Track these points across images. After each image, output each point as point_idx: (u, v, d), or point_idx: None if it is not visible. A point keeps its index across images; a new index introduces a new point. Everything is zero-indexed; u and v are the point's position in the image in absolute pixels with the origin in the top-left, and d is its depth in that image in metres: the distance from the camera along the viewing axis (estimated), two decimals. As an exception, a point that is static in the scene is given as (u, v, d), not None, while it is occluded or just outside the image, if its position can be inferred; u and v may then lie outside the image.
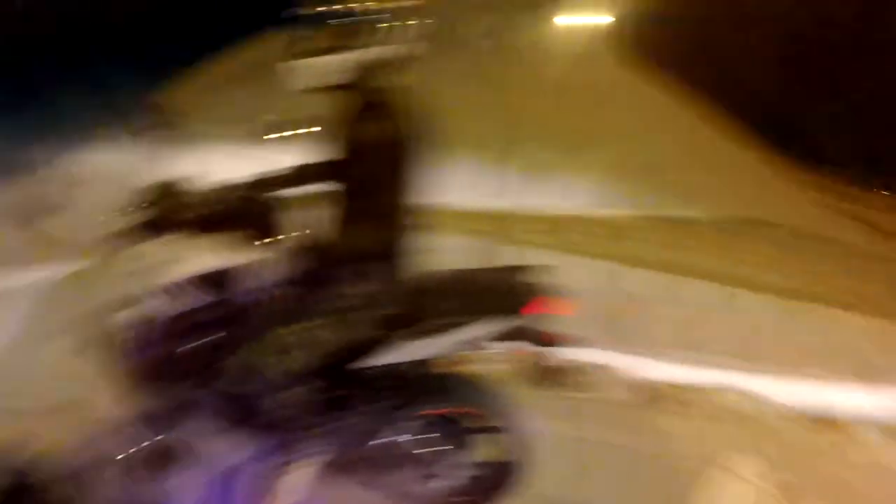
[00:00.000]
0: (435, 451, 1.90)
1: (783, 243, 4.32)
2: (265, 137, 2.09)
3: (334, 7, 1.56)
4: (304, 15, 1.60)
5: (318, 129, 2.08)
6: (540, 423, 1.94)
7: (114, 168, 8.38)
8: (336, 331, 1.65)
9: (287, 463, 1.88)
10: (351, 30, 1.56)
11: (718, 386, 2.86)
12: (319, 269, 1.76)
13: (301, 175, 2.07)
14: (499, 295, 1.69)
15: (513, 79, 6.01)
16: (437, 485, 1.97)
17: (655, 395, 2.78)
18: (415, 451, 1.91)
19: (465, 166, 4.05)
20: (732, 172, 5.28)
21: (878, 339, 3.42)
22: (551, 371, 1.77)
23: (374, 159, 1.51)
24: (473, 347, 1.74)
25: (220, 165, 2.32)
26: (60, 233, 6.24)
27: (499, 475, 1.96)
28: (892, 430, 2.92)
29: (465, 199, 4.11)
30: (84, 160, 9.39)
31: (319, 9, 1.57)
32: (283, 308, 1.68)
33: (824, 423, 2.87)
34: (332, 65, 1.59)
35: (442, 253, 1.92)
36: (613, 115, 5.73)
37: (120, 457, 2.23)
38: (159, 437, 1.02)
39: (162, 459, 1.01)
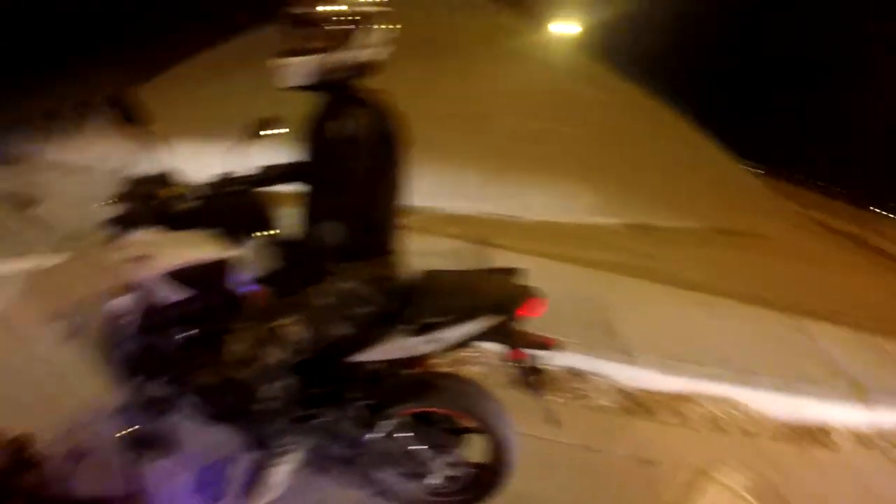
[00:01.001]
0: (416, 450, 1.90)
1: (767, 254, 4.38)
2: (255, 135, 2.10)
3: (312, 9, 1.57)
4: (285, 15, 1.62)
5: (287, 129, 2.13)
6: (520, 426, 1.94)
7: (97, 160, 8.32)
8: (311, 328, 1.66)
9: (269, 457, 1.88)
10: (328, 32, 1.57)
11: (699, 395, 2.87)
12: (294, 267, 1.77)
13: (275, 173, 2.09)
14: (492, 296, 1.69)
15: (487, 84, 5.97)
16: (418, 484, 1.97)
17: (635, 403, 2.78)
18: (396, 450, 1.91)
19: (442, 171, 4.05)
20: (717, 183, 5.35)
21: (865, 353, 3.47)
22: (535, 374, 1.78)
23: (347, 157, 1.53)
24: (461, 347, 1.76)
25: (198, 162, 2.32)
26: (48, 220, 6.21)
27: (480, 477, 1.96)
28: (874, 443, 2.96)
29: (442, 202, 4.12)
30: (69, 152, 9.30)
31: (298, 10, 1.59)
32: (258, 304, 1.69)
33: (807, 434, 2.89)
34: (311, 65, 1.61)
35: (420, 254, 1.94)
36: (595, 122, 5.75)
37: (104, 442, 2.25)
38: (142, 426, 1.02)
39: (146, 447, 1.01)
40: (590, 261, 3.60)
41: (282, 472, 1.91)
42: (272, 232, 1.93)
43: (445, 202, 4.19)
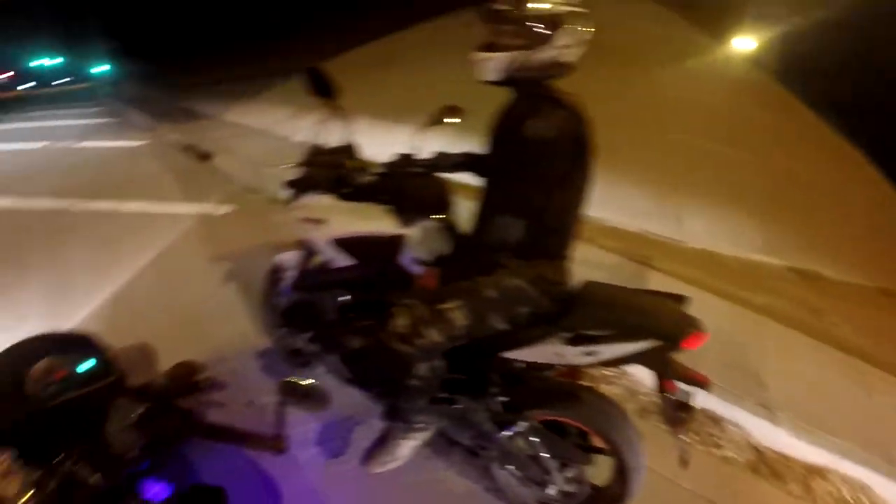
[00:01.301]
0: (542, 457, 1.87)
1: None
2: (437, 121, 2.17)
3: (512, 6, 1.59)
4: (485, 10, 1.64)
5: (464, 119, 2.18)
6: (647, 458, 1.86)
7: (273, 126, 9.15)
8: (472, 316, 1.68)
9: (400, 430, 1.96)
10: (526, 30, 1.58)
11: (833, 472, 2.59)
12: (465, 255, 1.81)
13: (455, 161, 2.15)
14: (660, 320, 1.62)
15: (665, 98, 5.70)
16: (533, 490, 1.96)
17: (765, 463, 2.58)
18: (522, 452, 1.90)
19: (612, 181, 3.92)
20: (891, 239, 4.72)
21: None
22: (682, 410, 1.68)
23: (539, 158, 1.52)
24: (613, 365, 1.71)
25: (379, 139, 2.44)
26: (223, 173, 6.97)
27: (596, 499, 1.91)
28: None
29: (607, 213, 4.01)
30: (249, 115, 10.30)
31: (498, 6, 1.61)
32: (426, 284, 1.74)
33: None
34: (506, 61, 1.62)
35: (578, 263, 1.90)
36: (770, 150, 5.31)
37: (250, 381, 2.44)
38: (297, 376, 1.10)
39: (298, 395, 1.09)
40: (747, 301, 3.34)
41: (408, 446, 1.98)
42: (446, 217, 2.00)
43: (610, 213, 4.08)
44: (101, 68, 36.35)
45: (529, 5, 1.56)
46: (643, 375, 2.70)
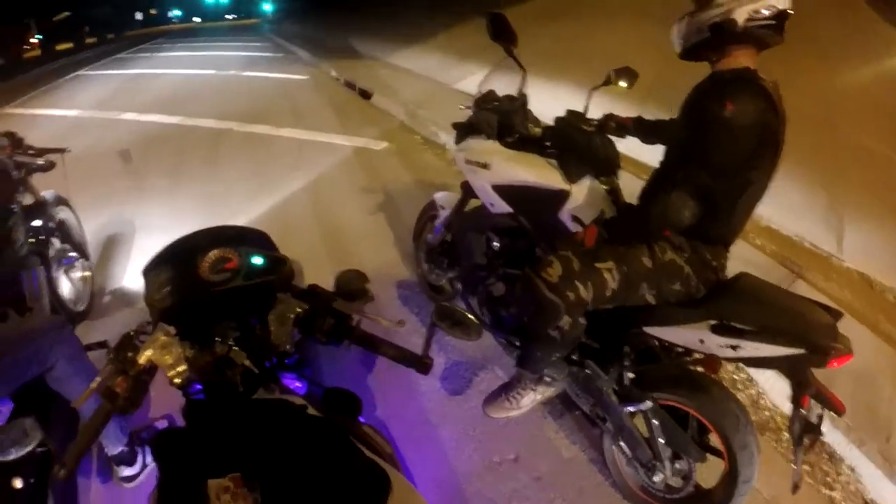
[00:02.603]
0: (658, 442, 1.80)
1: None
2: (609, 82, 2.12)
3: None
4: None
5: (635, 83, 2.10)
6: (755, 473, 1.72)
7: (430, 70, 9.26)
8: (624, 283, 1.64)
9: (529, 380, 2.00)
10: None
11: None
12: (628, 221, 1.77)
13: (627, 125, 2.08)
14: (813, 329, 1.51)
15: (843, 92, 5.04)
16: (638, 472, 1.90)
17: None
18: (639, 432, 1.85)
19: (782, 182, 3.60)
20: None
21: None
22: (810, 431, 1.57)
23: (724, 142, 1.44)
24: (754, 364, 1.62)
25: (548, 94, 2.40)
26: (383, 110, 7.26)
27: (697, 499, 1.82)
28: None
29: (765, 210, 3.71)
30: (409, 60, 10.53)
31: None
32: (584, 241, 1.72)
33: None
34: (681, 27, 1.58)
35: (732, 258, 1.78)
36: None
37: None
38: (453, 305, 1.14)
39: (451, 322, 1.14)
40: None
41: (530, 398, 2.01)
42: (612, 179, 1.97)
43: (769, 211, 3.77)
44: (267, 6, 39.19)
45: None
46: (772, 388, 2.53)
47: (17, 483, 1.41)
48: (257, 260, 1.07)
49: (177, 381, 0.94)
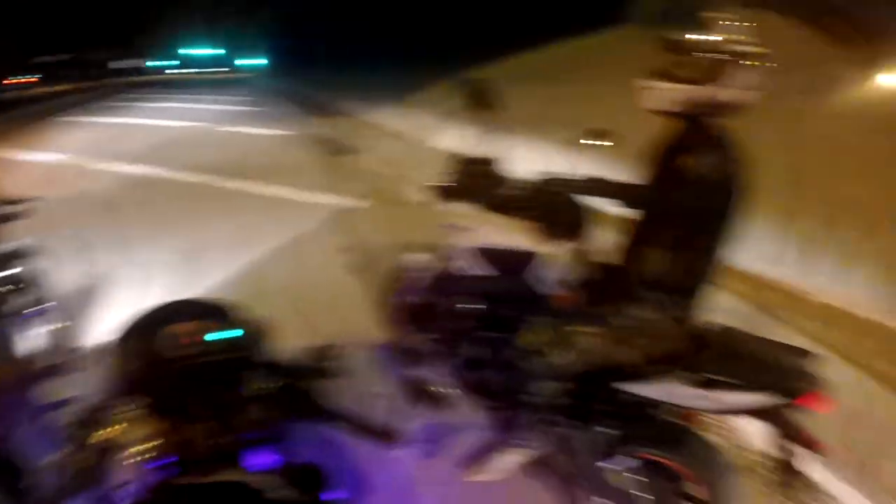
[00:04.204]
0: (639, 496, 1.79)
1: None
2: (581, 142, 2.16)
3: (689, 36, 1.56)
4: (662, 38, 1.61)
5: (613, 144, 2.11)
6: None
7: (411, 129, 9.41)
8: (603, 344, 1.67)
9: (504, 443, 1.97)
10: (703, 63, 1.55)
11: None
12: (604, 282, 1.80)
13: (604, 187, 2.14)
14: (783, 373, 1.55)
15: (812, 139, 5.21)
16: None
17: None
18: (619, 487, 1.82)
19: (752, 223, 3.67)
20: None
21: None
22: (789, 473, 1.58)
23: (700, 196, 1.50)
24: (731, 414, 1.64)
25: (525, 155, 2.45)
26: (359, 169, 7.32)
27: None
28: None
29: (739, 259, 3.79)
30: (386, 118, 10.74)
31: (675, 35, 1.56)
32: (562, 306, 1.74)
33: None
34: (678, 93, 1.58)
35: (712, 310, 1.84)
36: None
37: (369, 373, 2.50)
38: (419, 375, 1.13)
39: (418, 393, 1.12)
40: (876, 371, 2.99)
41: (507, 461, 1.98)
42: (588, 242, 2.01)
43: (740, 255, 3.87)
44: (256, 61, 40.09)
45: (705, 37, 1.53)
46: (752, 431, 2.54)
47: None
48: (225, 335, 1.05)
49: (138, 457, 0.93)
